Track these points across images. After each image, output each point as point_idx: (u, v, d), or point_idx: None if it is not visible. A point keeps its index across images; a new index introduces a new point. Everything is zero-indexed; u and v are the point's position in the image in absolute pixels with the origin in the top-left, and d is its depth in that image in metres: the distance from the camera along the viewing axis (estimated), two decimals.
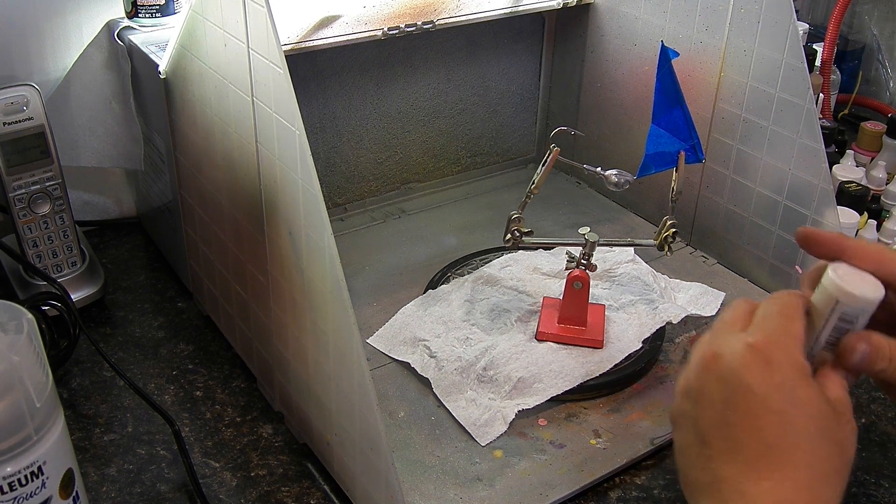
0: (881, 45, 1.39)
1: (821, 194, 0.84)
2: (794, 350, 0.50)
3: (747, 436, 0.49)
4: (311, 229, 0.58)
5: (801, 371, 0.50)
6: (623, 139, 1.05)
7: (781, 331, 0.51)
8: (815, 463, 0.48)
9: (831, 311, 0.52)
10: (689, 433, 0.52)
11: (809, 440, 0.48)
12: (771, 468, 0.48)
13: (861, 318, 0.52)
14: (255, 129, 0.63)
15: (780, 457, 0.48)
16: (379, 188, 1.08)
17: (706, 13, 0.90)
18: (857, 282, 0.52)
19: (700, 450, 0.51)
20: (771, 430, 0.48)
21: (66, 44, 0.93)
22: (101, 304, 0.90)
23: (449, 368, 0.77)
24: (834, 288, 0.52)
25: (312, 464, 0.71)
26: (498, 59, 1.09)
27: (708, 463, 0.50)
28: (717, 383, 0.51)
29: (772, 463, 0.48)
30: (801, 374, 0.49)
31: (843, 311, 0.52)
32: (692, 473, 0.52)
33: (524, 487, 0.68)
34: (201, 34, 0.69)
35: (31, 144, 0.81)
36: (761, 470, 0.48)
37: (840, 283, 0.52)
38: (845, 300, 0.51)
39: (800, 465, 0.48)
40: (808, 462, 0.48)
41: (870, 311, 0.52)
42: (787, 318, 0.51)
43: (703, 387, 0.52)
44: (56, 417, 0.53)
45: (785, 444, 0.48)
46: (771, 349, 0.50)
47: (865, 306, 0.52)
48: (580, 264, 0.80)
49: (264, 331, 0.72)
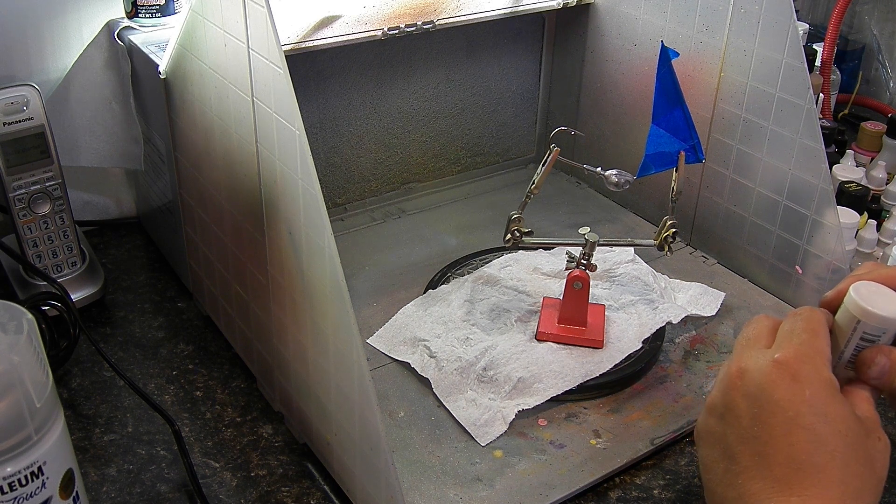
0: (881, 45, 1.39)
1: (821, 194, 0.84)
2: (822, 366, 0.50)
3: (776, 452, 0.48)
4: (311, 229, 0.58)
5: (830, 387, 0.49)
6: (623, 139, 1.05)
7: (808, 347, 0.50)
8: (847, 480, 0.47)
9: (853, 330, 0.52)
10: (715, 450, 0.52)
11: (840, 457, 0.47)
12: (801, 485, 0.47)
13: (884, 337, 0.52)
14: (255, 129, 0.63)
15: (811, 473, 0.47)
16: (379, 188, 1.08)
17: (706, 13, 0.90)
18: (878, 300, 0.51)
19: (728, 465, 0.51)
20: (801, 447, 0.48)
21: (66, 44, 0.93)
22: (101, 304, 0.90)
23: (449, 368, 0.77)
24: (855, 307, 0.52)
25: (312, 464, 0.71)
26: (498, 59, 1.09)
27: (735, 479, 0.50)
28: (745, 400, 0.50)
29: (802, 480, 0.47)
30: (830, 389, 0.49)
31: (864, 329, 0.52)
32: (718, 489, 0.51)
33: (524, 487, 0.68)
34: (201, 34, 0.69)
35: (31, 144, 0.81)
36: (792, 486, 0.47)
37: (861, 302, 0.51)
38: (867, 319, 0.51)
39: (831, 482, 0.47)
40: (840, 479, 0.47)
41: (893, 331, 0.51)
42: (812, 334, 0.51)
43: (730, 403, 0.51)
44: (56, 417, 0.53)
45: (815, 460, 0.47)
46: (798, 365, 0.49)
47: (887, 325, 0.51)
48: (580, 264, 0.80)
49: (264, 331, 0.72)
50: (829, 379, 0.49)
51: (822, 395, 0.49)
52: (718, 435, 0.52)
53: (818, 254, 0.86)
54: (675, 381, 0.80)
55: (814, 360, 0.50)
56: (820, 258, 0.86)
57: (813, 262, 0.87)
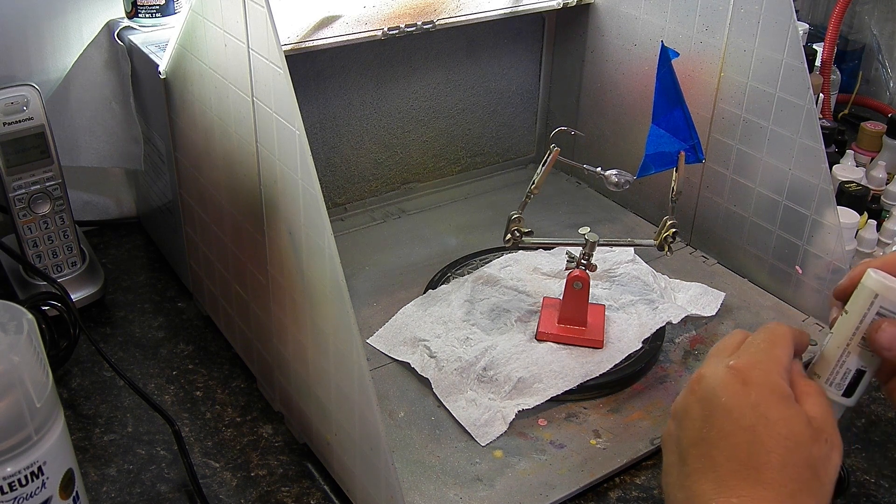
0: (881, 45, 1.39)
1: (821, 194, 0.84)
2: (773, 372, 0.51)
3: (720, 453, 0.50)
4: (311, 229, 0.58)
5: (776, 392, 0.51)
6: (623, 139, 1.05)
7: (763, 354, 0.52)
8: (784, 482, 0.48)
9: (870, 305, 0.54)
10: (672, 454, 0.54)
11: (778, 459, 0.49)
12: (740, 486, 0.49)
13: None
14: (255, 129, 0.63)
15: (750, 475, 0.49)
16: (379, 188, 1.08)
17: (706, 13, 0.90)
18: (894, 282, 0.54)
19: (680, 468, 0.52)
20: (742, 448, 0.49)
21: (66, 44, 0.93)
22: (101, 304, 0.90)
23: (449, 368, 0.77)
24: (874, 283, 0.54)
25: (312, 464, 0.71)
26: (498, 59, 1.09)
27: (685, 480, 0.52)
28: (698, 403, 0.52)
29: (742, 480, 0.49)
30: (776, 394, 0.50)
31: (882, 304, 0.53)
32: (672, 492, 0.53)
33: (524, 487, 0.68)
34: (201, 34, 0.69)
35: (31, 144, 0.81)
36: (732, 487, 0.49)
37: (879, 278, 0.54)
38: (885, 293, 0.53)
39: (767, 483, 0.48)
40: (776, 481, 0.48)
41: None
42: (770, 344, 0.53)
43: (687, 407, 0.53)
44: (56, 417, 0.53)
45: (754, 461, 0.49)
46: (748, 370, 0.51)
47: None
48: (580, 264, 0.80)
49: (264, 331, 0.72)
50: (777, 384, 0.51)
51: (768, 398, 0.50)
52: (675, 438, 0.54)
53: (818, 254, 0.86)
54: (675, 381, 0.80)
55: (765, 366, 0.52)
56: (820, 258, 0.86)
57: (813, 262, 0.87)
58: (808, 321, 0.88)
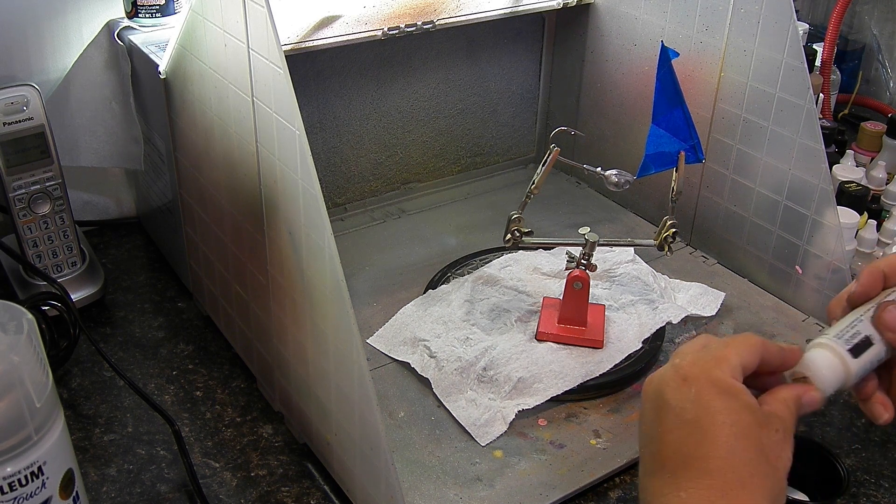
0: (881, 45, 1.39)
1: (821, 194, 0.84)
2: (714, 368, 0.52)
3: (667, 448, 0.51)
4: (311, 229, 0.58)
5: (716, 385, 0.51)
6: (623, 139, 1.05)
7: (706, 353, 0.53)
8: (733, 467, 0.49)
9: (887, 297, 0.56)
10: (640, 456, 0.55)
11: (725, 445, 0.49)
12: (688, 478, 0.49)
13: None
14: (255, 129, 0.63)
15: (697, 465, 0.49)
16: (379, 188, 1.08)
17: (706, 13, 0.90)
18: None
19: (641, 468, 0.53)
20: (687, 440, 0.50)
21: (66, 44, 0.93)
22: (101, 304, 0.90)
23: (449, 368, 0.77)
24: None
25: (312, 464, 0.71)
26: (498, 59, 1.09)
27: (643, 480, 0.53)
28: (648, 404, 0.54)
29: (689, 472, 0.49)
30: (717, 387, 0.51)
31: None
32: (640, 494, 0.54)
33: (524, 487, 0.68)
34: (201, 34, 0.69)
35: (31, 144, 0.81)
36: (680, 480, 0.49)
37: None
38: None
39: (715, 471, 0.49)
40: (725, 467, 0.49)
41: None
42: (722, 345, 0.53)
43: (642, 410, 0.55)
44: (56, 417, 0.53)
45: (700, 452, 0.49)
46: (689, 368, 0.52)
47: None
48: (580, 264, 0.80)
49: (264, 331, 0.72)
50: (717, 378, 0.52)
51: (708, 391, 0.51)
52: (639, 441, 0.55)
53: (818, 254, 0.86)
54: None
55: (706, 363, 0.52)
56: (820, 258, 0.86)
57: (813, 262, 0.87)
58: (808, 321, 0.88)
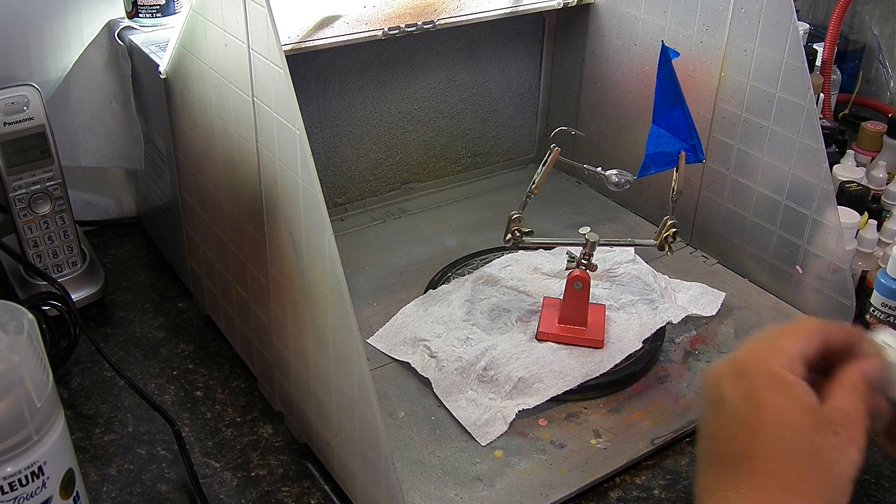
0: (881, 45, 1.39)
1: (821, 194, 0.84)
2: (770, 361, 0.50)
3: (720, 446, 0.50)
4: (311, 229, 0.58)
5: (773, 380, 0.49)
6: (623, 139, 1.05)
7: (764, 344, 0.51)
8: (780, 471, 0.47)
9: None
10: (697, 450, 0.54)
11: (775, 449, 0.48)
12: (738, 478, 0.48)
13: None
14: (255, 129, 0.63)
15: (746, 466, 0.48)
16: (379, 188, 1.08)
17: (706, 13, 0.90)
18: None
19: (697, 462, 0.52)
20: (738, 440, 0.49)
21: (66, 44, 0.93)
22: (102, 304, 0.90)
23: (449, 368, 0.77)
24: None
25: (312, 464, 0.71)
26: (498, 59, 1.09)
27: (698, 475, 0.51)
28: (705, 399, 0.53)
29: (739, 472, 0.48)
30: (774, 383, 0.49)
31: None
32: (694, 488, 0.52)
33: (524, 487, 0.68)
34: (202, 34, 0.69)
35: (32, 144, 0.81)
36: (730, 480, 0.48)
37: None
38: None
39: (763, 473, 0.47)
40: (771, 470, 0.47)
41: None
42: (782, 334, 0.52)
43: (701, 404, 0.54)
44: (56, 417, 0.53)
45: (750, 452, 0.48)
46: (745, 362, 0.51)
47: None
48: (580, 264, 0.80)
49: (264, 331, 0.72)
50: (772, 372, 0.50)
51: (762, 387, 0.49)
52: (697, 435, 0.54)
53: (818, 254, 0.86)
54: (676, 381, 0.80)
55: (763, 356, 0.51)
56: (820, 258, 0.86)
57: (813, 262, 0.87)
58: None
